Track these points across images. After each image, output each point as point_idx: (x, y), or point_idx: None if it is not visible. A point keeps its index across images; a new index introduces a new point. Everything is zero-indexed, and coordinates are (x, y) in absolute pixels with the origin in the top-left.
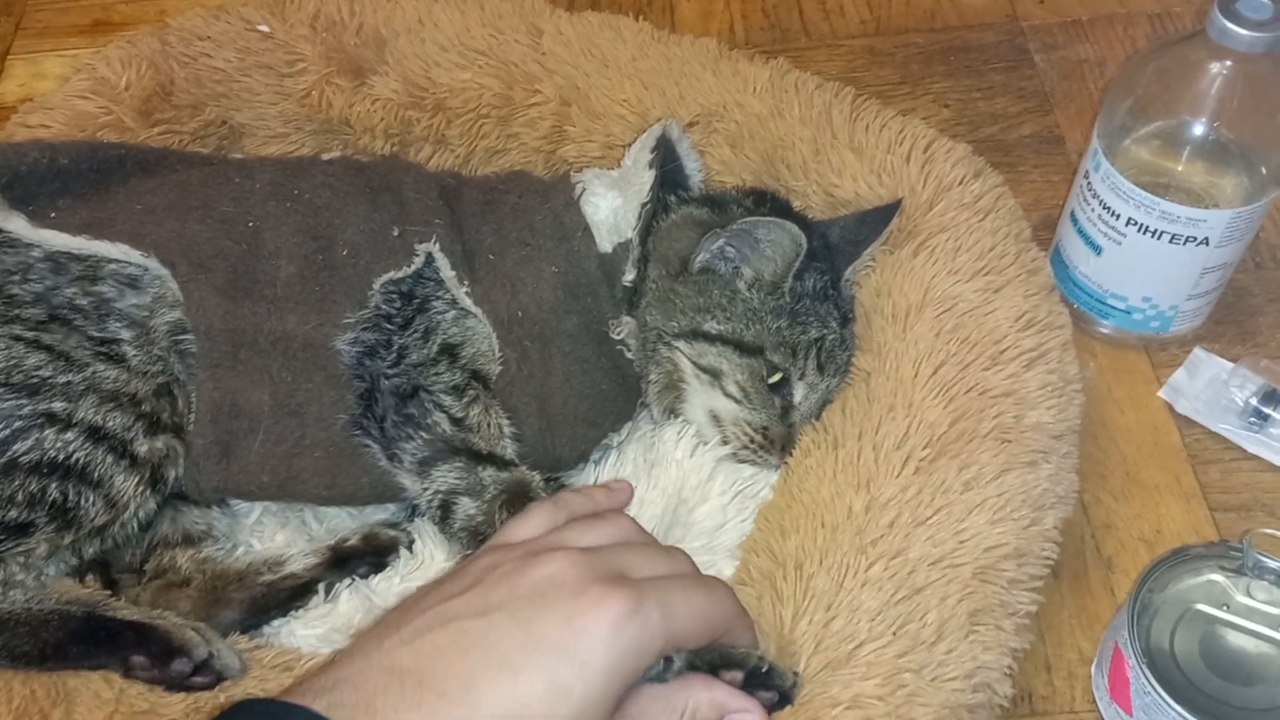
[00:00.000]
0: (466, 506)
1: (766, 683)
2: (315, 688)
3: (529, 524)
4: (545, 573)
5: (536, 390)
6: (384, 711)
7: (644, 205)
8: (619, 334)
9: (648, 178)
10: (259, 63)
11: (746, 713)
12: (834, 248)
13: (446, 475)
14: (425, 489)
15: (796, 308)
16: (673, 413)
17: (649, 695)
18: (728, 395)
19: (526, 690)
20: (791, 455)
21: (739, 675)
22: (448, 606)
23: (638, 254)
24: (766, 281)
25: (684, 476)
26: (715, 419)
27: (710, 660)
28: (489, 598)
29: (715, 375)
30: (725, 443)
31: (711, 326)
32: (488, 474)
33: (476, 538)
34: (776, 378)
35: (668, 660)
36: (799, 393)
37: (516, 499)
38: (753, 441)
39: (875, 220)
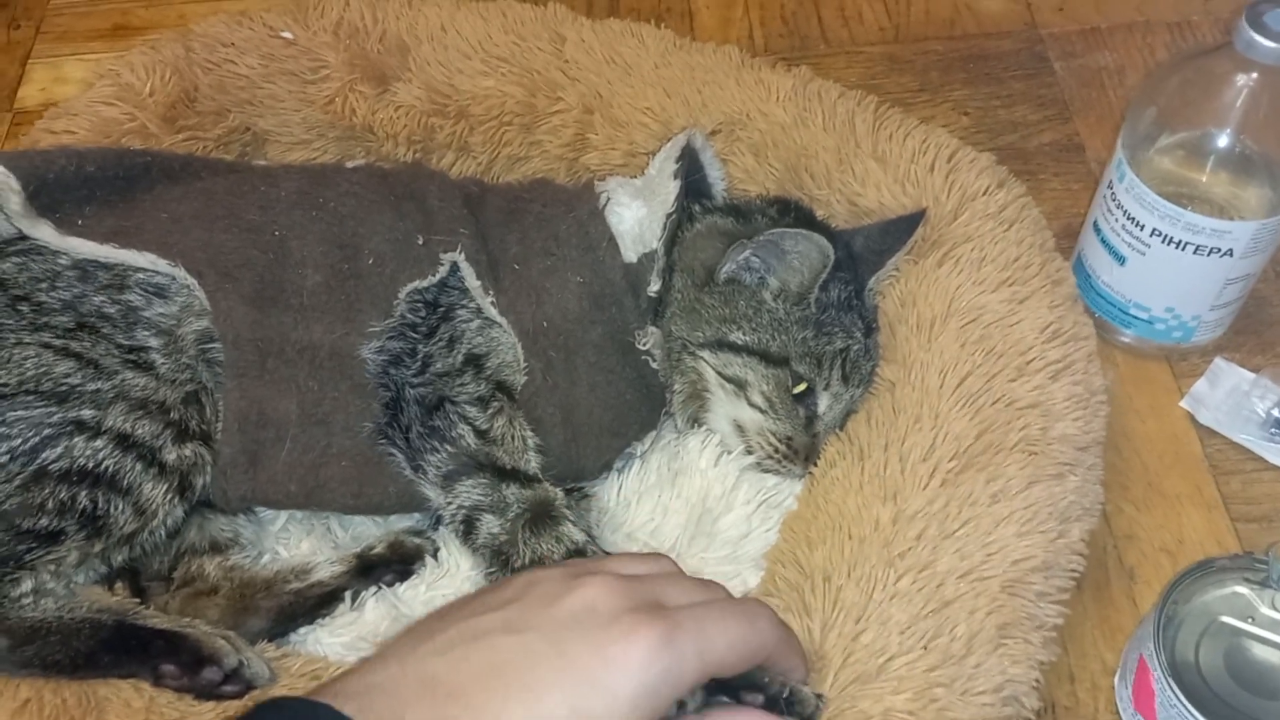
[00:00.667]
0: (490, 524)
1: (787, 708)
2: (347, 691)
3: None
4: (582, 597)
5: (561, 401)
6: None
7: (669, 215)
8: (644, 344)
9: (672, 188)
10: (282, 69)
11: None
12: (858, 257)
13: (470, 491)
14: (449, 503)
15: (822, 318)
16: (696, 422)
17: None
18: (753, 405)
19: (550, 713)
20: (816, 465)
21: (759, 697)
22: (483, 620)
23: (662, 264)
24: (793, 292)
25: (708, 486)
26: (739, 428)
27: (735, 682)
28: (526, 617)
29: (740, 385)
30: (749, 452)
31: (737, 337)
32: (511, 491)
33: (499, 556)
34: (801, 388)
35: (680, 705)
36: (823, 403)
37: (539, 518)
38: (777, 451)
39: (899, 230)
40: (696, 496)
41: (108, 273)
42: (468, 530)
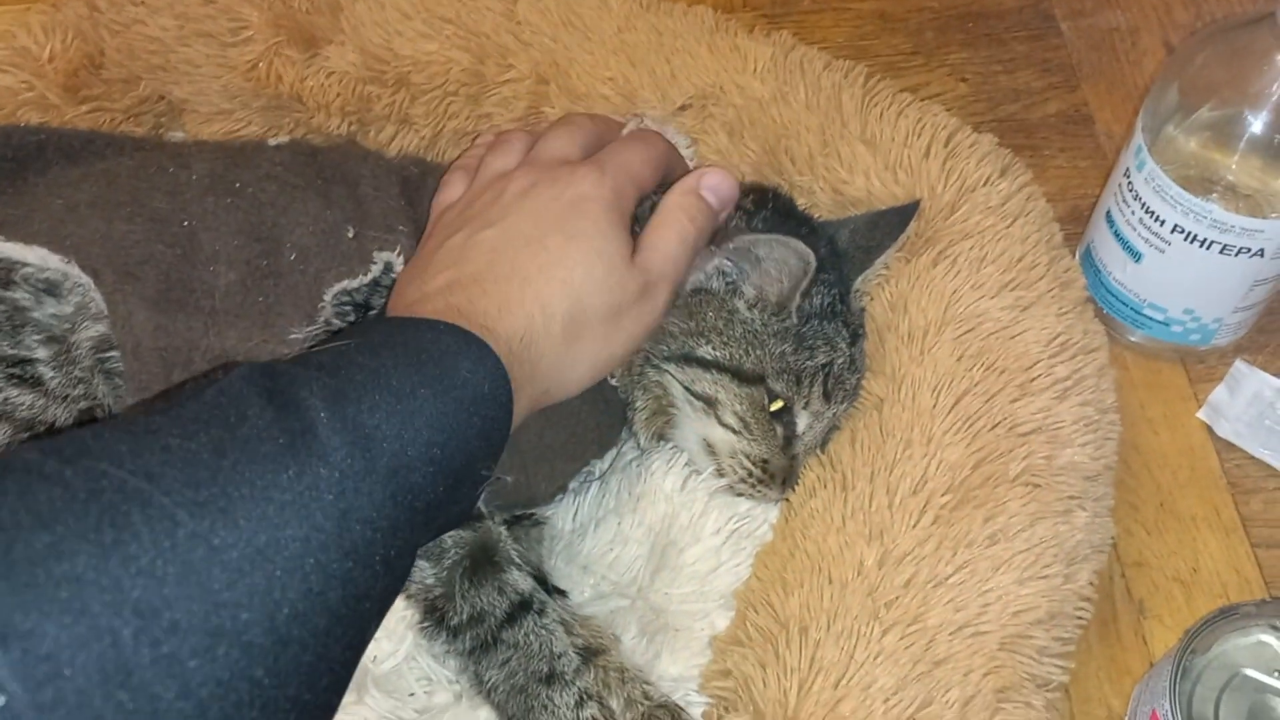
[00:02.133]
0: (424, 572)
1: None
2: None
3: (453, 189)
4: (517, 186)
5: None
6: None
7: None
8: None
9: None
10: (199, 30)
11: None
12: (843, 254)
13: None
14: None
15: (803, 330)
16: (661, 438)
17: None
18: (724, 425)
19: (561, 260)
20: (794, 490)
21: None
22: (454, 239)
23: None
24: (770, 302)
25: (674, 513)
26: (710, 449)
27: None
28: (488, 217)
29: (710, 403)
30: (721, 475)
31: (706, 352)
32: (448, 535)
33: (434, 612)
34: (777, 405)
35: None
36: (802, 422)
37: (480, 565)
38: (750, 475)
39: (890, 223)
40: (661, 525)
41: None
42: None
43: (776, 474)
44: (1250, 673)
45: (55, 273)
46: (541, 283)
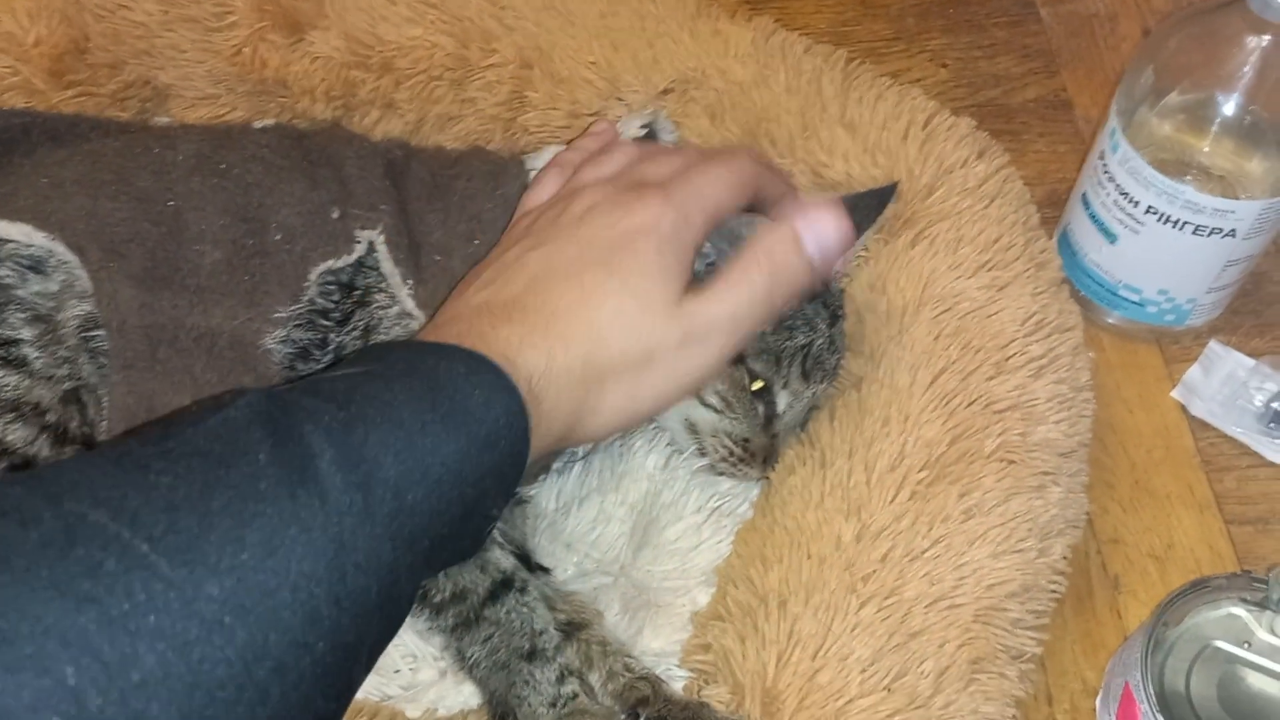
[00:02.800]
0: None
1: None
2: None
3: (543, 189)
4: (581, 204)
5: None
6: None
7: None
8: None
9: None
10: (184, 15)
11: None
12: None
13: None
14: None
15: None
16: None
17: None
18: (706, 405)
19: (598, 289)
20: (774, 469)
21: None
22: (508, 255)
23: None
24: None
25: (655, 491)
26: (692, 428)
27: None
28: (542, 236)
29: None
30: (702, 454)
31: None
32: None
33: (423, 597)
34: (758, 385)
35: None
36: (782, 402)
37: None
38: (732, 454)
39: (868, 205)
40: (643, 503)
41: None
42: None
43: (757, 453)
44: (1221, 644)
45: (40, 249)
46: (567, 320)
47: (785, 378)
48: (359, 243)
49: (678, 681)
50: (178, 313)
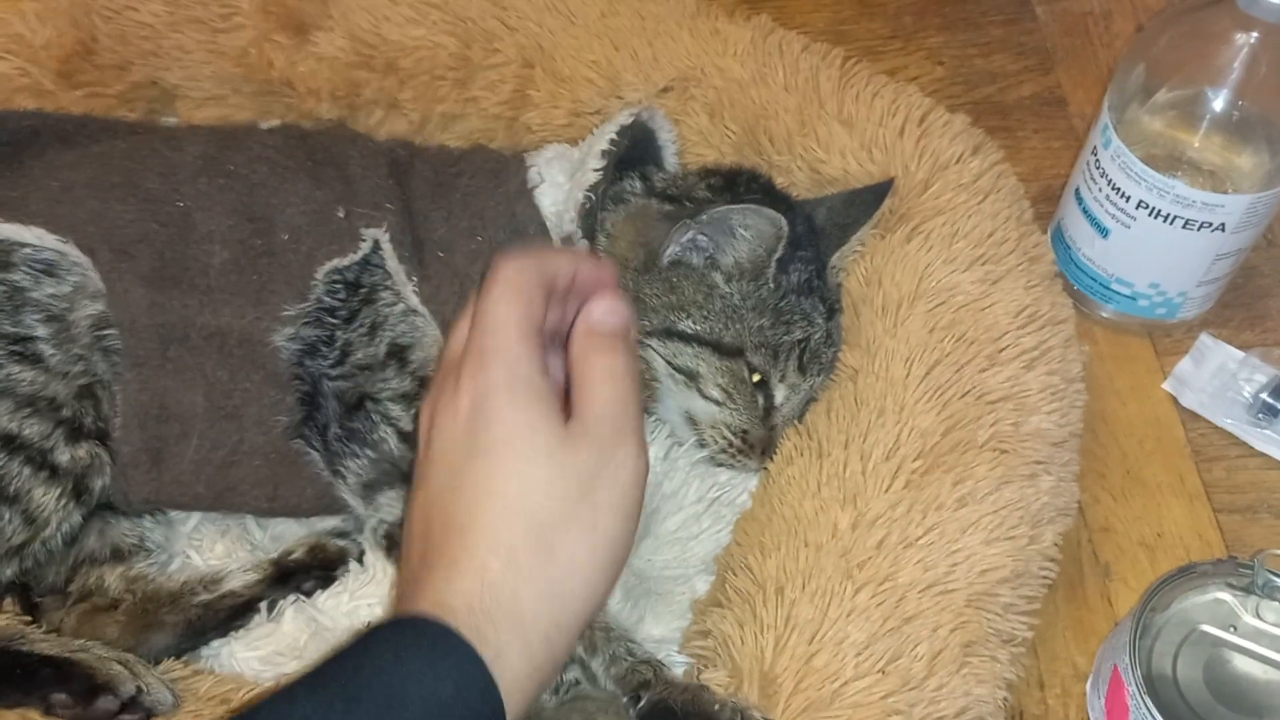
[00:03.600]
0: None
1: None
2: None
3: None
4: (427, 430)
5: None
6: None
7: (587, 197)
8: None
9: (594, 166)
10: (190, 17)
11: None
12: (819, 231)
13: (394, 505)
14: (370, 516)
15: (780, 305)
16: (645, 411)
17: None
18: (707, 398)
19: (487, 484)
20: (773, 460)
21: None
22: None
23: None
24: (747, 271)
25: (656, 482)
26: (692, 420)
27: (684, 707)
28: (416, 475)
29: (692, 377)
30: (702, 445)
31: (687, 326)
32: None
33: None
34: (756, 378)
35: None
36: (780, 394)
37: None
38: (731, 445)
39: (865, 201)
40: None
41: None
42: (390, 547)
43: (756, 444)
44: (1207, 628)
45: (53, 253)
46: (479, 525)
47: (783, 371)
48: (364, 241)
49: (678, 667)
50: (187, 312)
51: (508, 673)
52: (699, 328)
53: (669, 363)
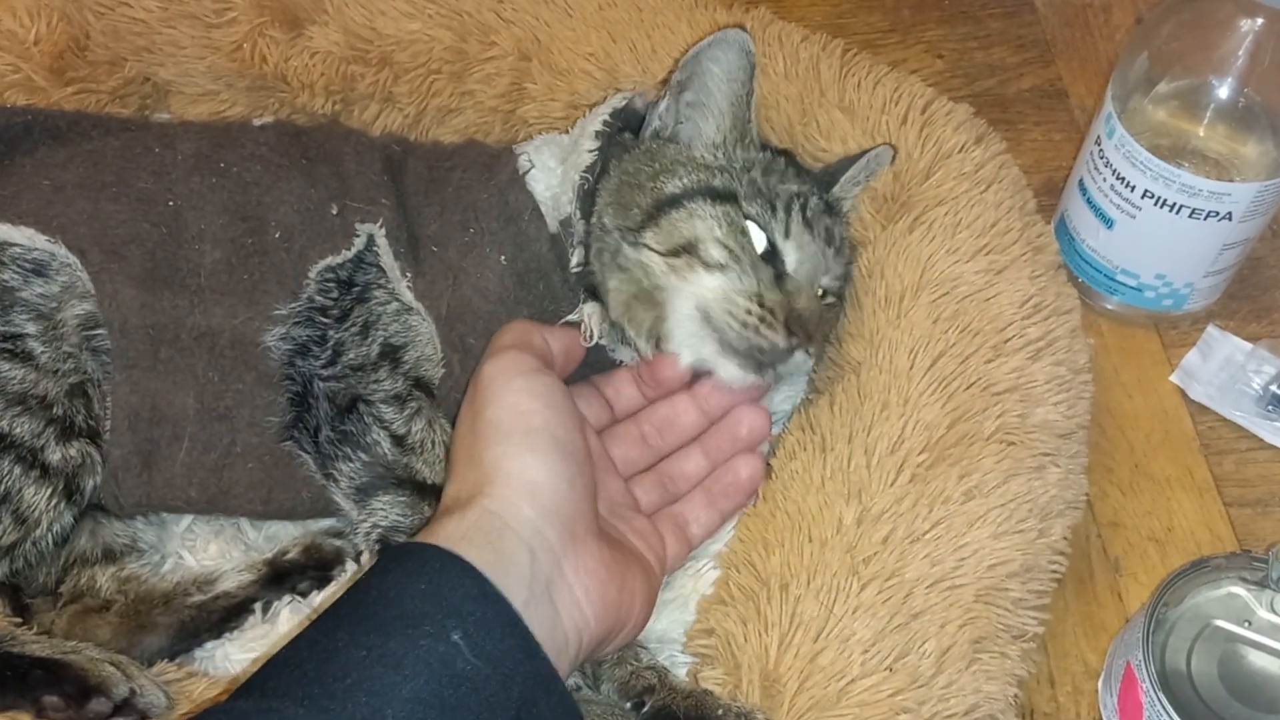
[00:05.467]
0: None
1: None
2: None
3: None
4: None
5: None
6: None
7: (582, 177)
8: (578, 320)
9: (589, 146)
10: (183, 12)
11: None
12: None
13: (388, 510)
14: (363, 519)
15: (770, 164)
16: (658, 341)
17: None
18: (709, 267)
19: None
20: (813, 346)
21: None
22: None
23: (583, 232)
24: (728, 129)
25: None
26: (705, 315)
27: (688, 713)
28: None
29: (690, 248)
30: (722, 341)
31: (674, 185)
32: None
33: None
34: (763, 245)
35: None
36: (790, 256)
37: None
38: (750, 314)
39: (856, 158)
40: None
41: None
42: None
43: (775, 309)
44: (1221, 623)
45: (43, 253)
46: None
47: (785, 225)
48: (358, 236)
49: (680, 668)
50: (178, 312)
51: None
52: (685, 181)
53: (664, 251)
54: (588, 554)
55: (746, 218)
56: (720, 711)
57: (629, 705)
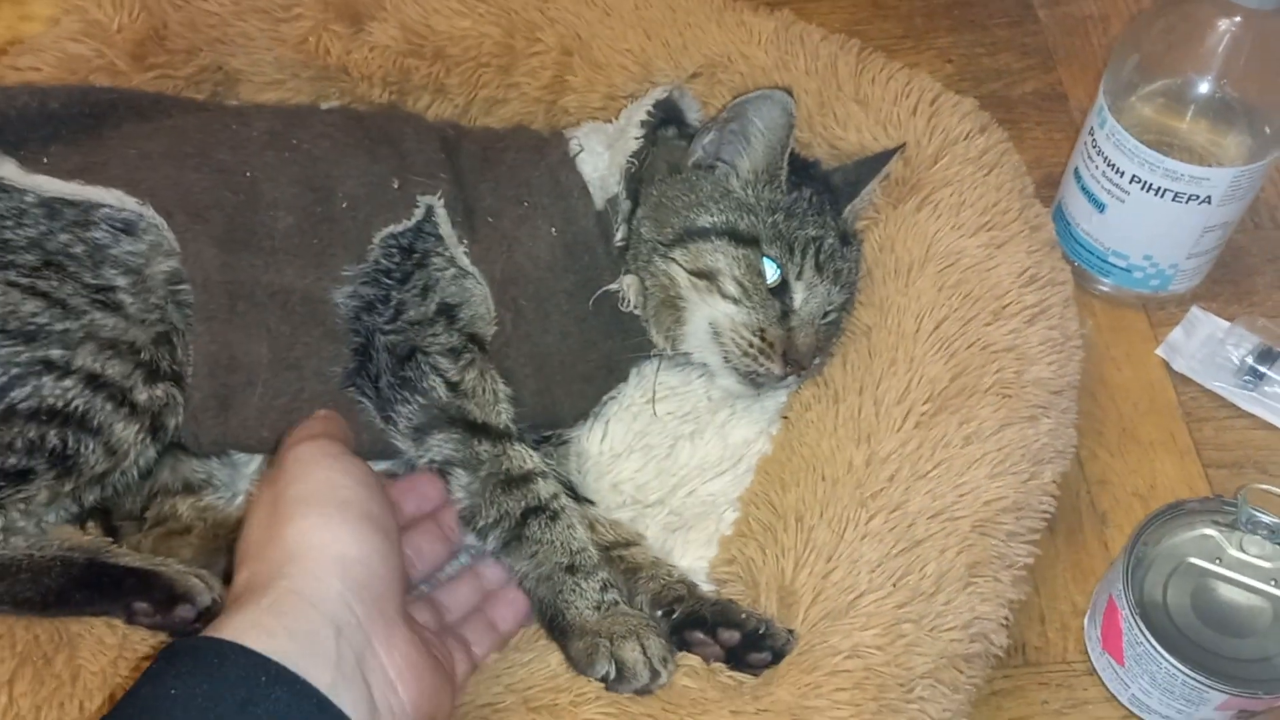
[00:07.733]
0: (460, 479)
1: (760, 644)
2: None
3: None
4: None
5: (533, 350)
6: None
7: (630, 160)
8: (618, 290)
9: (635, 134)
10: (254, 7)
11: None
12: (835, 189)
13: (442, 445)
14: (420, 456)
15: (793, 207)
16: (676, 345)
17: None
18: (725, 296)
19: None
20: (801, 371)
21: (736, 635)
22: None
23: (627, 210)
24: (762, 173)
25: (688, 435)
26: (715, 333)
27: (714, 618)
28: None
29: (711, 277)
30: (726, 360)
31: (705, 220)
32: (484, 448)
33: (471, 521)
34: (774, 278)
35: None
36: (799, 295)
37: (512, 481)
38: (751, 346)
39: (875, 163)
40: (679, 451)
41: (74, 209)
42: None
43: (775, 343)
44: (1195, 561)
45: (131, 214)
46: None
47: (799, 267)
48: (418, 207)
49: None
50: (254, 271)
51: None
52: (715, 219)
53: (689, 270)
54: (398, 635)
55: (765, 257)
56: (744, 615)
57: (660, 614)
